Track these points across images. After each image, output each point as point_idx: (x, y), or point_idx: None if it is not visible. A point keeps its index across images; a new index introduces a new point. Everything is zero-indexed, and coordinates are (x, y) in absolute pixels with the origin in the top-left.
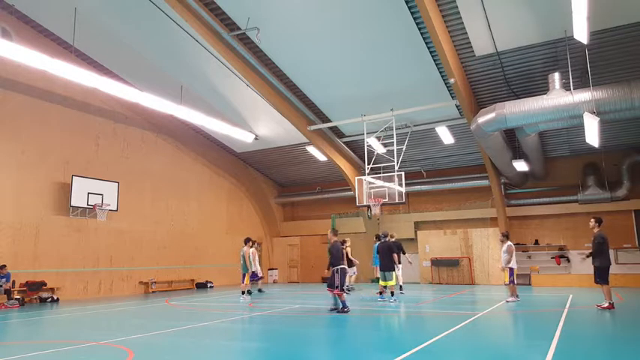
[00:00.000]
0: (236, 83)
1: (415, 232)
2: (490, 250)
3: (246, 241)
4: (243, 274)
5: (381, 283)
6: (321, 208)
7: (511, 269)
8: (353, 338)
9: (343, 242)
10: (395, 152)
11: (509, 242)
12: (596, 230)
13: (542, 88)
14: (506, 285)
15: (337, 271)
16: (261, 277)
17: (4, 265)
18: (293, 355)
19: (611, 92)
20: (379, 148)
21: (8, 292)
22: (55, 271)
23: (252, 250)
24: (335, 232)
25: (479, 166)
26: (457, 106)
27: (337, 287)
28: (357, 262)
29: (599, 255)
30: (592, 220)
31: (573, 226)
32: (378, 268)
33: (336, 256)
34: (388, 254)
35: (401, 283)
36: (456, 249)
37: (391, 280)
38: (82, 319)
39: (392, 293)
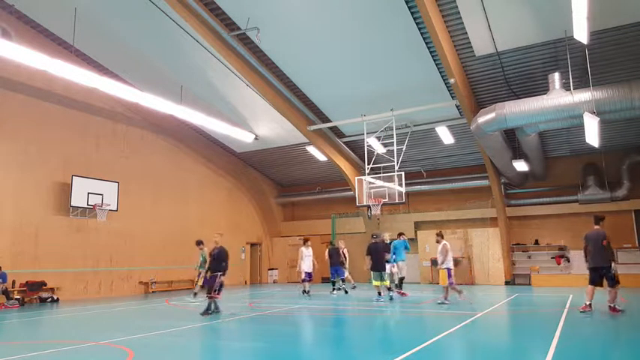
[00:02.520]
0: (236, 83)
1: (415, 232)
2: (490, 250)
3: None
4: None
5: (375, 283)
6: (321, 208)
7: (448, 269)
8: (353, 338)
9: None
10: (395, 152)
11: (444, 242)
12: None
13: (542, 88)
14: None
15: (217, 276)
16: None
17: None
18: (293, 355)
19: (611, 92)
20: (379, 148)
21: (6, 293)
22: (55, 271)
23: (302, 249)
24: (219, 236)
25: (479, 166)
26: (457, 106)
27: (215, 291)
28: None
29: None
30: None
31: (573, 226)
32: (370, 268)
33: (217, 260)
34: (380, 254)
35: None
36: (456, 249)
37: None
38: (82, 319)
39: (379, 293)
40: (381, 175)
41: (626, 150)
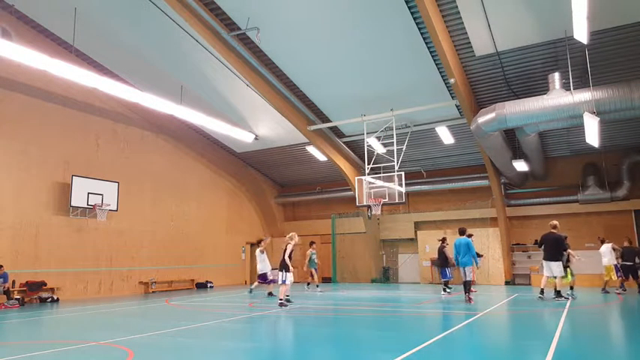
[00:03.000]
0: (236, 83)
1: (415, 232)
2: (490, 250)
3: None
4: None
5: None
6: (321, 208)
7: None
8: (353, 338)
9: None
10: (395, 152)
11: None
12: None
13: (542, 88)
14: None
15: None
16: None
17: (1, 266)
18: (293, 355)
19: (611, 92)
20: (379, 148)
21: (7, 293)
22: (55, 271)
23: (259, 249)
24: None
25: (479, 166)
26: (457, 106)
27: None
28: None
29: None
30: None
31: (573, 226)
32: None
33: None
34: None
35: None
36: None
37: None
38: (82, 319)
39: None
40: (381, 175)
41: (626, 150)
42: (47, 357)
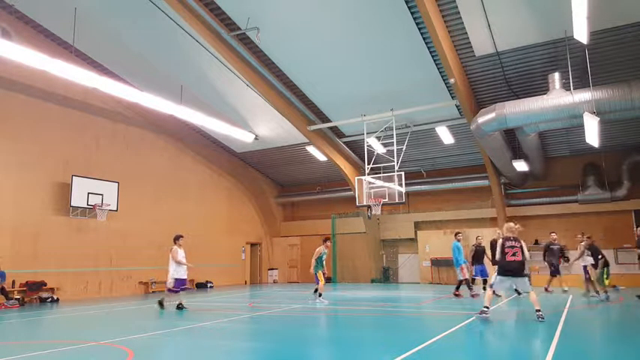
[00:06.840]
0: (236, 83)
1: (415, 232)
2: (489, 250)
3: None
4: None
5: None
6: (321, 208)
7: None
8: (353, 338)
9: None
10: (395, 152)
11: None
12: None
13: (542, 88)
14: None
15: None
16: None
17: None
18: (293, 355)
19: (611, 92)
20: (379, 148)
21: (4, 292)
22: (55, 271)
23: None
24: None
25: (479, 166)
26: (457, 106)
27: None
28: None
29: None
30: None
31: (573, 226)
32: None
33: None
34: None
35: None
36: None
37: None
38: (82, 319)
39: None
40: (381, 175)
41: (626, 150)
42: (47, 357)
